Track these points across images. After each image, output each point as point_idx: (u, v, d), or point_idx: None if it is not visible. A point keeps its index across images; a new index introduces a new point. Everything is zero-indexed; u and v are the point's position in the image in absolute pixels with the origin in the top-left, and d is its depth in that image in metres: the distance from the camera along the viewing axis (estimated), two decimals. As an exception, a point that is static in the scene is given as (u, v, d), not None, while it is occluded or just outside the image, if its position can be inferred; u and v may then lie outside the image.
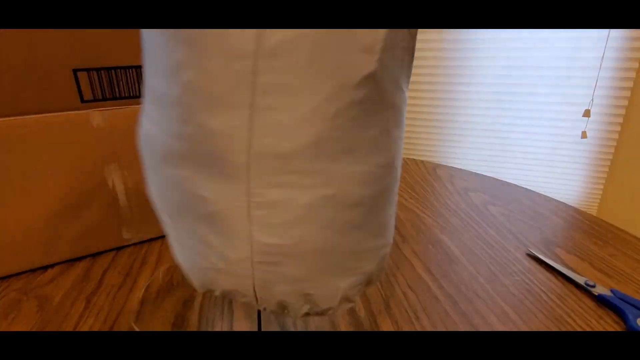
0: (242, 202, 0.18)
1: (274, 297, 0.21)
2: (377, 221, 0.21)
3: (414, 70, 1.35)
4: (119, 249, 0.45)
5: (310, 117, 0.17)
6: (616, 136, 1.26)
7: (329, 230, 0.19)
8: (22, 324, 0.34)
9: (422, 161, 0.79)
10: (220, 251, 0.20)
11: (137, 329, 0.32)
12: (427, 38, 1.31)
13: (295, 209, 0.18)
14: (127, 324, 0.34)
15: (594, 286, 0.37)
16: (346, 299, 0.22)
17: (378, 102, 0.18)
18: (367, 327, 0.33)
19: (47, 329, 0.33)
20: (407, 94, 0.21)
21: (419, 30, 1.30)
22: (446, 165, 0.76)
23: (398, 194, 0.61)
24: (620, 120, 1.24)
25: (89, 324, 0.34)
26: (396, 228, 0.50)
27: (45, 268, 0.41)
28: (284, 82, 0.16)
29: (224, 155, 0.17)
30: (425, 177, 0.70)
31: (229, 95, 0.16)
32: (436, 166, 0.75)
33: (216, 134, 0.17)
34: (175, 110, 0.18)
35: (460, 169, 0.74)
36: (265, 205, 0.18)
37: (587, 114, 1.22)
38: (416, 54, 1.34)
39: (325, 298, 0.21)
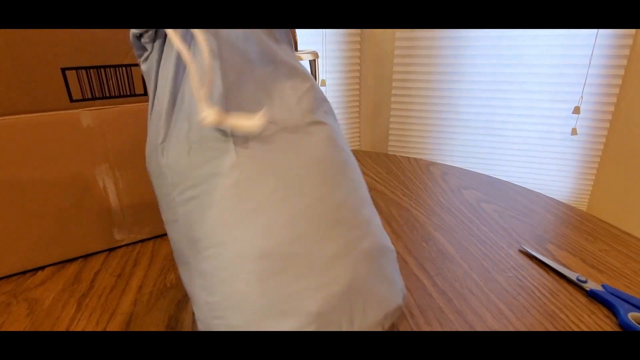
0: (193, 277, 0.25)
1: None
2: (306, 262, 0.23)
3: (406, 68, 1.35)
4: (110, 250, 0.45)
5: None
6: (605, 133, 1.27)
7: (252, 282, 0.23)
8: (12, 328, 0.33)
9: (415, 159, 0.79)
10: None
11: None
12: (419, 36, 1.31)
13: (219, 271, 0.23)
14: (120, 326, 0.33)
15: (585, 281, 0.38)
16: None
17: None
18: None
19: (37, 333, 0.32)
20: (398, 92, 0.21)
21: (414, 29, 1.30)
22: (439, 163, 0.76)
23: (393, 193, 0.62)
24: (609, 117, 1.25)
25: (80, 327, 0.33)
26: (390, 225, 0.51)
27: (35, 270, 0.41)
28: None
29: (184, 253, 0.26)
30: (418, 174, 0.70)
31: None
32: (429, 164, 0.76)
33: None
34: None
35: (454, 166, 0.74)
36: (201, 275, 0.24)
37: (577, 111, 1.23)
38: (408, 52, 1.34)
39: None
